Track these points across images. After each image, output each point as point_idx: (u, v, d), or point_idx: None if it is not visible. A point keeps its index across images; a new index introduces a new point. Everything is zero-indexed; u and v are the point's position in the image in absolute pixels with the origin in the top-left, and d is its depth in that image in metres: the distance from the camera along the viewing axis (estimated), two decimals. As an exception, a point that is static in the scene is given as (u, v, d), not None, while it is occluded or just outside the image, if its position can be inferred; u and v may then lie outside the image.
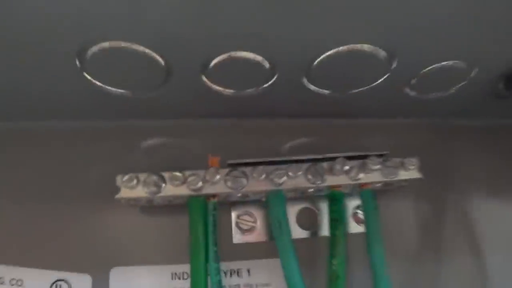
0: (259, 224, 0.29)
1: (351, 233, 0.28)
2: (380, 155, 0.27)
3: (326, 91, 0.28)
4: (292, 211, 0.29)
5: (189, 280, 0.25)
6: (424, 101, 0.30)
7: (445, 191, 0.32)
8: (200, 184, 0.25)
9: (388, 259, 0.26)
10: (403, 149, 0.28)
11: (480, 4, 0.21)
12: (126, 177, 0.25)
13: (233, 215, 0.29)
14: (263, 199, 0.27)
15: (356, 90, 0.28)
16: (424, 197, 0.32)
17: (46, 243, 0.28)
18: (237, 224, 0.29)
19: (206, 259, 0.25)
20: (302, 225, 0.29)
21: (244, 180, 0.25)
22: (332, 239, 0.25)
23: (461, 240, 0.31)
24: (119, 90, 0.26)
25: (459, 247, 0.31)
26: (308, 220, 0.29)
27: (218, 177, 0.25)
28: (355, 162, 0.26)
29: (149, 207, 0.28)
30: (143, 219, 0.29)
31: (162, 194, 0.25)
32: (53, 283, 0.27)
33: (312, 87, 0.27)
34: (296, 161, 0.26)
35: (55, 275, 0.27)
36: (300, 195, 0.28)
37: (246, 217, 0.28)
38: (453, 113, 0.33)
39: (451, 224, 0.32)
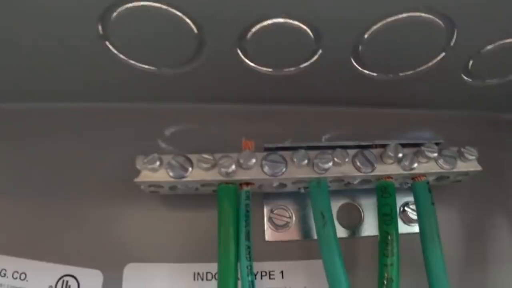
0: (295, 220, 0.25)
1: (400, 234, 0.24)
2: (436, 144, 0.24)
3: (374, 74, 0.25)
4: (333, 206, 0.25)
5: (213, 281, 0.22)
6: (479, 89, 0.27)
7: (497, 192, 0.29)
8: (233, 167, 0.21)
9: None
10: (454, 144, 0.25)
11: None
12: (148, 158, 0.22)
13: (266, 209, 0.25)
14: (302, 191, 0.24)
15: (407, 73, 0.25)
16: (475, 197, 0.28)
17: (54, 235, 0.25)
18: (270, 219, 0.25)
19: (237, 258, 0.21)
20: (342, 223, 0.26)
21: (282, 166, 0.22)
22: (383, 237, 0.22)
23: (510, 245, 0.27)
24: (144, 66, 0.24)
25: (508, 256, 0.27)
26: (350, 217, 0.26)
27: (253, 161, 0.22)
28: (409, 150, 0.23)
29: (171, 197, 0.25)
30: (164, 210, 0.25)
31: (188, 178, 0.22)
32: (60, 278, 0.24)
33: (359, 68, 0.24)
34: (343, 147, 0.23)
35: (62, 269, 0.24)
36: (343, 187, 0.24)
37: (281, 212, 0.25)
38: (506, 105, 0.30)
39: (501, 230, 0.28)
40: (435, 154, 0.23)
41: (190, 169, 0.22)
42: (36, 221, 0.25)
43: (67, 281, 0.24)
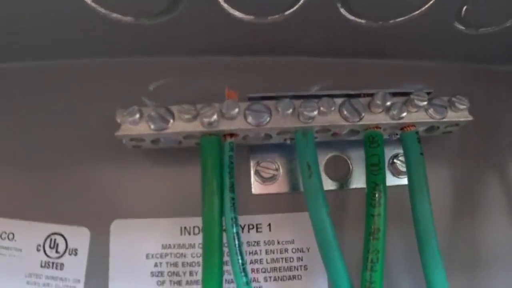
0: (282, 172, 0.25)
1: (388, 186, 0.24)
2: (426, 93, 0.23)
3: (362, 21, 0.24)
4: (320, 159, 0.25)
5: (200, 235, 0.22)
6: (472, 39, 0.26)
7: (487, 145, 0.28)
8: (215, 117, 0.21)
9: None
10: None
11: None
12: (127, 111, 0.21)
13: (252, 162, 0.25)
14: (288, 142, 0.23)
15: (398, 20, 0.24)
16: (465, 150, 0.27)
17: (40, 194, 0.25)
18: (257, 172, 0.25)
19: (221, 210, 0.21)
20: (330, 176, 0.25)
21: (266, 115, 0.21)
22: (371, 188, 0.22)
23: (500, 201, 0.27)
24: (120, 16, 0.23)
25: (497, 209, 0.27)
26: (338, 170, 0.25)
27: (236, 110, 0.21)
28: (398, 99, 0.22)
29: (155, 152, 0.24)
30: (148, 166, 0.25)
31: (170, 130, 0.21)
32: (48, 236, 0.24)
33: (346, 14, 0.23)
34: (329, 96, 0.22)
35: (49, 228, 0.24)
36: (330, 139, 0.24)
37: (268, 164, 0.25)
38: (504, 57, 0.29)
39: (492, 183, 0.27)
40: (425, 103, 0.22)
41: (171, 120, 0.21)
42: (22, 182, 0.25)
43: (54, 239, 0.24)
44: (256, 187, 0.25)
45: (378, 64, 0.27)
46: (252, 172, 0.25)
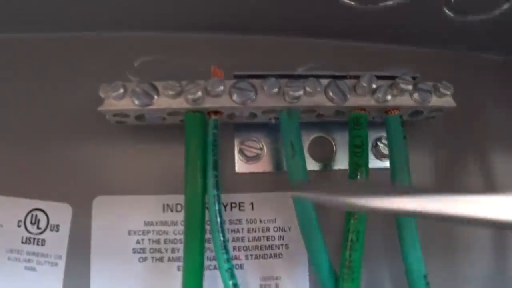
0: (266, 152, 0.25)
1: (371, 169, 0.24)
2: (412, 78, 0.23)
3: (352, 2, 0.24)
4: (304, 140, 0.25)
5: (183, 212, 0.22)
6: (461, 26, 0.26)
7: (470, 131, 0.28)
8: (199, 94, 0.20)
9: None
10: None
11: None
12: (111, 85, 0.21)
13: (237, 141, 0.25)
14: (273, 121, 0.23)
15: (388, 3, 0.24)
16: (448, 135, 0.28)
17: (21, 169, 0.24)
18: (240, 150, 0.25)
19: (204, 188, 0.21)
20: (315, 156, 0.25)
21: (252, 94, 0.21)
22: (353, 168, 0.22)
23: (480, 186, 0.28)
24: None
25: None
26: (322, 150, 0.26)
27: (221, 88, 0.21)
28: (384, 82, 0.22)
29: (139, 128, 0.24)
30: (132, 142, 0.25)
31: (154, 106, 0.21)
32: (29, 212, 0.24)
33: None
34: (315, 77, 0.22)
35: (30, 204, 0.24)
36: (315, 119, 0.24)
37: (252, 143, 0.25)
38: (492, 46, 0.29)
39: (472, 169, 0.28)
40: (410, 87, 0.22)
41: (155, 96, 0.21)
42: (2, 157, 0.24)
43: (36, 215, 0.24)
44: (240, 166, 0.25)
45: (365, 47, 0.27)
46: (236, 151, 0.25)
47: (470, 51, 0.30)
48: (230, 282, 0.20)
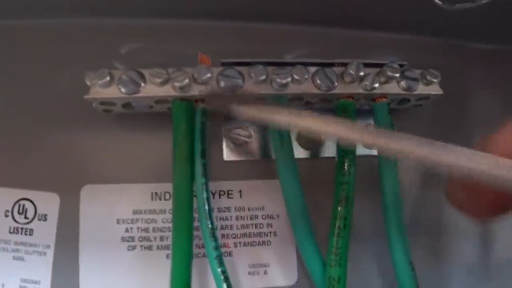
0: (254, 139, 0.25)
1: (358, 156, 0.24)
2: (400, 65, 0.23)
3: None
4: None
5: (171, 200, 0.22)
6: (449, 14, 0.26)
7: (457, 119, 0.29)
8: (186, 82, 0.20)
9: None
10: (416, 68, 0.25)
11: None
12: (97, 73, 0.21)
13: (225, 128, 0.25)
14: (261, 109, 0.23)
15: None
16: (435, 123, 0.28)
17: (8, 159, 0.24)
18: (229, 138, 0.25)
19: (192, 176, 0.21)
20: (303, 144, 0.25)
21: (239, 81, 0.21)
22: (341, 157, 0.22)
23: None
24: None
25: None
26: (311, 138, 0.26)
27: (208, 75, 0.21)
28: (371, 69, 0.22)
29: (126, 116, 0.24)
30: (119, 130, 0.25)
31: (141, 94, 0.21)
32: (16, 202, 0.24)
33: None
34: (303, 64, 0.22)
35: (18, 193, 0.24)
36: (303, 107, 0.24)
37: (240, 131, 0.24)
38: (479, 34, 0.29)
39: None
40: (397, 75, 0.22)
41: (142, 84, 0.21)
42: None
43: (23, 205, 0.24)
44: (228, 154, 0.25)
45: (354, 34, 0.27)
46: (224, 139, 0.25)
47: (458, 39, 0.30)
48: (219, 270, 0.20)
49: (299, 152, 0.25)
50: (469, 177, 0.12)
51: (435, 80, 0.23)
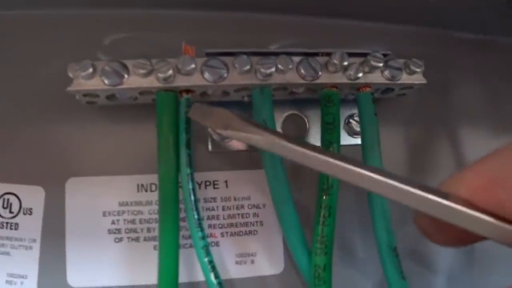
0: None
1: (343, 145, 0.24)
2: (383, 55, 0.23)
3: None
4: (278, 117, 0.25)
5: (157, 192, 0.22)
6: (435, 4, 0.26)
7: (441, 108, 0.29)
8: (170, 72, 0.20)
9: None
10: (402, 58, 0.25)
11: None
12: (80, 65, 0.20)
13: (210, 120, 0.25)
14: (246, 99, 0.23)
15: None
16: (419, 112, 0.28)
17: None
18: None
19: (177, 166, 0.21)
20: (288, 134, 0.26)
21: (223, 72, 0.21)
22: (325, 146, 0.22)
23: (451, 161, 0.29)
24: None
25: (448, 169, 0.28)
26: (295, 128, 0.26)
27: (192, 66, 0.21)
28: (355, 59, 0.22)
29: (111, 108, 0.23)
30: (104, 122, 0.24)
31: (124, 86, 0.21)
32: (0, 196, 0.23)
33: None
34: (287, 54, 0.22)
35: (2, 188, 0.24)
36: (288, 97, 0.24)
37: (225, 122, 0.24)
38: (459, 23, 0.30)
39: (442, 144, 0.29)
40: (381, 64, 0.22)
41: (126, 76, 0.21)
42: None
43: (8, 199, 0.24)
44: (213, 144, 0.25)
45: (338, 24, 0.27)
46: (209, 129, 0.25)
47: (444, 29, 0.30)
48: (206, 259, 0.20)
49: (285, 142, 0.25)
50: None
51: (418, 70, 0.23)
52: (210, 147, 0.25)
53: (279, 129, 0.25)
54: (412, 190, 0.12)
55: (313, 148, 0.14)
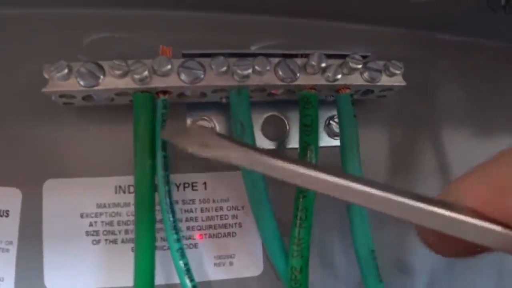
0: (218, 131, 0.25)
1: (322, 147, 0.24)
2: (363, 57, 0.23)
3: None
4: (257, 119, 0.25)
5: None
6: (412, 5, 0.26)
7: (422, 109, 0.29)
8: (146, 74, 0.20)
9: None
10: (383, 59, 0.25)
11: None
12: (55, 66, 0.20)
13: (189, 120, 0.25)
14: (223, 100, 0.23)
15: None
16: (401, 114, 0.28)
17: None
18: (193, 131, 0.24)
19: (153, 168, 0.21)
20: (268, 135, 0.26)
21: (200, 73, 0.21)
22: (303, 147, 0.22)
23: (432, 163, 0.29)
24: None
25: (429, 171, 0.28)
26: (275, 129, 0.26)
27: (168, 67, 0.20)
28: (334, 60, 0.22)
29: (88, 109, 0.23)
30: (81, 123, 0.24)
31: (100, 87, 0.21)
32: (-24, 198, 0.23)
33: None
34: (265, 55, 0.22)
35: (-22, 190, 0.23)
36: (266, 98, 0.24)
37: (204, 123, 0.24)
38: (441, 25, 0.30)
39: (424, 146, 0.29)
40: (360, 66, 0.22)
41: (101, 77, 0.21)
42: None
43: (-16, 202, 0.23)
44: (193, 146, 0.25)
45: (319, 25, 0.27)
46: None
47: (426, 30, 0.30)
48: (180, 262, 0.20)
49: (265, 143, 0.25)
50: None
51: (398, 72, 0.23)
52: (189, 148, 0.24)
53: (257, 131, 0.25)
54: (415, 204, 0.11)
55: (297, 164, 0.13)
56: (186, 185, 0.24)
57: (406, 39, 0.30)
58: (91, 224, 0.23)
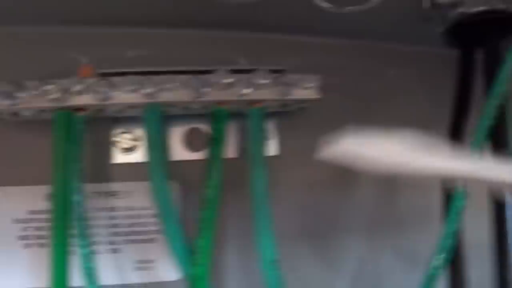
0: (142, 143, 0.26)
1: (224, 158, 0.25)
2: (275, 71, 0.24)
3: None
4: (178, 131, 0.26)
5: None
6: (340, 16, 0.27)
7: (358, 117, 0.29)
8: (58, 94, 0.22)
9: (282, 188, 0.26)
10: (315, 70, 0.25)
11: None
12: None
13: (113, 132, 0.26)
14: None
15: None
16: (334, 124, 0.29)
17: None
18: (117, 142, 0.26)
19: (69, 180, 0.23)
20: (191, 147, 0.27)
21: (111, 91, 0.22)
22: (208, 161, 0.23)
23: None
24: None
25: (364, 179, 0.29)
26: (198, 141, 0.27)
27: (80, 87, 0.22)
28: (239, 76, 0.23)
29: (20, 123, 0.25)
30: (10, 134, 0.26)
31: (18, 106, 0.22)
32: None
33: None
34: (178, 73, 0.23)
35: None
36: (186, 112, 0.25)
37: (126, 135, 0.26)
38: (374, 34, 0.30)
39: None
40: (266, 81, 0.23)
41: (21, 95, 0.22)
42: None
43: None
44: (116, 157, 0.26)
45: (242, 38, 0.28)
46: (112, 142, 0.26)
47: (373, 40, 0.30)
48: (86, 266, 0.22)
49: (186, 155, 0.27)
50: None
51: (311, 85, 0.24)
52: (113, 159, 0.26)
53: (178, 142, 0.26)
54: None
55: None
56: (111, 193, 0.26)
57: (345, 49, 0.30)
58: (23, 229, 0.25)
